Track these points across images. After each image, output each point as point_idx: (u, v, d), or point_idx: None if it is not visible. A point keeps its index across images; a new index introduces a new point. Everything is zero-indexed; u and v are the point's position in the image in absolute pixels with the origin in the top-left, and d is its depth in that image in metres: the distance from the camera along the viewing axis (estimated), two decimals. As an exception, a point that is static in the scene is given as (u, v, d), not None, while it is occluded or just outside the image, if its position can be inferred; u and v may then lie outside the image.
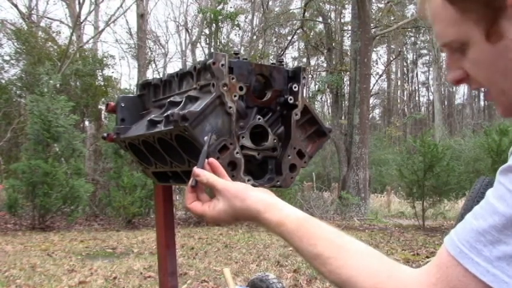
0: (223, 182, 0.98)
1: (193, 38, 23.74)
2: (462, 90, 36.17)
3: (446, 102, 36.92)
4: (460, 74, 0.78)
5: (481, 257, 0.65)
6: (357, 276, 0.73)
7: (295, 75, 1.31)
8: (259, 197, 0.91)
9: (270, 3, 21.92)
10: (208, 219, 0.97)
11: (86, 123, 16.14)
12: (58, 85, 11.13)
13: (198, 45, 23.22)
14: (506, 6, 0.67)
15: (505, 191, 0.65)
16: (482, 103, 36.92)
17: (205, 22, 17.91)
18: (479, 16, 0.70)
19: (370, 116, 24.95)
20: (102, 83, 16.18)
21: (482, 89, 0.81)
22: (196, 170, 1.01)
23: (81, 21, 17.53)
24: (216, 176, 1.00)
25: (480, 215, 0.67)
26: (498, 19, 0.69)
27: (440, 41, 0.78)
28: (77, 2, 17.60)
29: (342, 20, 21.68)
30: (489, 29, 0.70)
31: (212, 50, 16.32)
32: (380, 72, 28.72)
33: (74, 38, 16.29)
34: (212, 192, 0.99)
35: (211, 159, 1.05)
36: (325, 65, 21.71)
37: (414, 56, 37.84)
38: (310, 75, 21.88)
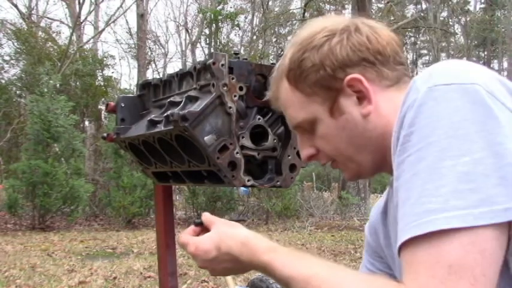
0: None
1: (193, 38, 23.76)
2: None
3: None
4: (312, 151, 0.90)
5: (448, 207, 0.60)
6: None
7: (295, 75, 1.31)
8: (248, 230, 0.88)
9: (270, 3, 21.91)
10: (190, 247, 0.92)
11: (86, 123, 16.15)
12: (58, 85, 11.13)
13: (198, 45, 23.26)
14: (343, 87, 0.82)
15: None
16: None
17: (205, 22, 17.92)
18: (323, 98, 0.84)
19: (370, 116, 24.88)
20: (102, 83, 16.19)
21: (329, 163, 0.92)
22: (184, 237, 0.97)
23: (81, 21, 17.53)
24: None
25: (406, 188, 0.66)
26: (338, 98, 0.83)
27: (292, 123, 0.90)
28: (77, 2, 17.60)
29: (342, 20, 21.66)
30: (332, 107, 0.84)
31: (212, 50, 16.32)
32: (380, 72, 28.68)
33: (74, 38, 16.29)
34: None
35: None
36: (325, 65, 21.67)
37: (414, 56, 37.86)
38: (310, 75, 21.84)
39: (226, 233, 0.88)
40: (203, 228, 0.96)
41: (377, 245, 1.03)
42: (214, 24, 16.39)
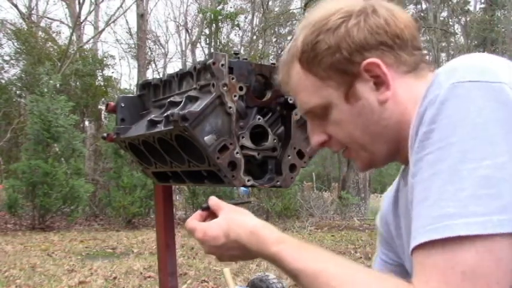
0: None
1: (193, 38, 23.73)
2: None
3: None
4: (323, 137, 0.86)
5: (467, 213, 0.59)
6: None
7: (295, 75, 1.31)
8: (256, 218, 0.86)
9: (270, 3, 21.90)
10: (198, 233, 0.88)
11: (86, 123, 16.14)
12: (58, 85, 11.13)
13: (198, 45, 23.22)
14: (360, 72, 0.79)
15: None
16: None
17: (205, 22, 17.91)
18: (338, 82, 0.81)
19: (370, 116, 24.88)
20: (102, 83, 16.18)
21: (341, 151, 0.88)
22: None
23: (81, 21, 17.51)
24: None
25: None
26: (354, 83, 0.80)
27: (304, 108, 0.86)
28: (77, 2, 17.59)
29: (342, 20, 21.63)
30: (347, 92, 0.80)
31: (212, 50, 16.32)
32: (380, 72, 28.68)
33: (74, 38, 16.29)
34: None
35: None
36: (325, 65, 21.65)
37: (414, 56, 37.91)
38: (310, 75, 21.82)
39: (234, 220, 0.85)
40: (210, 213, 0.94)
41: (388, 235, 1.02)
42: (214, 24, 16.39)
